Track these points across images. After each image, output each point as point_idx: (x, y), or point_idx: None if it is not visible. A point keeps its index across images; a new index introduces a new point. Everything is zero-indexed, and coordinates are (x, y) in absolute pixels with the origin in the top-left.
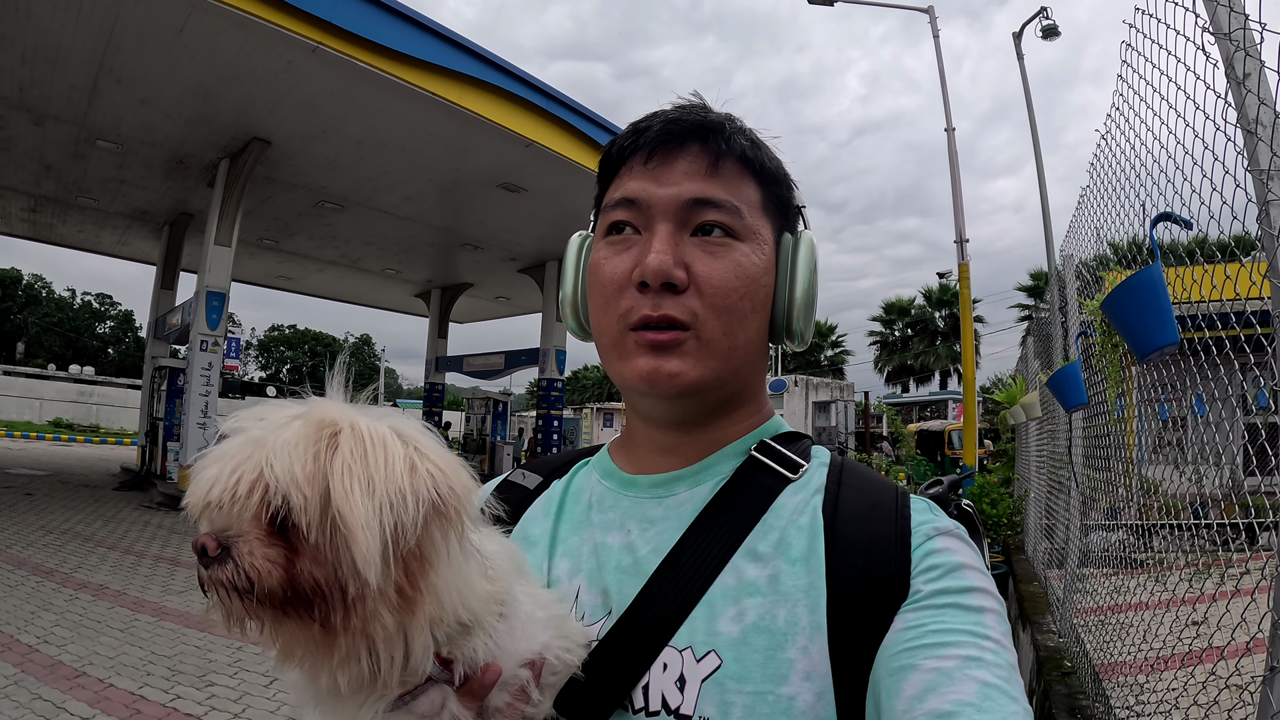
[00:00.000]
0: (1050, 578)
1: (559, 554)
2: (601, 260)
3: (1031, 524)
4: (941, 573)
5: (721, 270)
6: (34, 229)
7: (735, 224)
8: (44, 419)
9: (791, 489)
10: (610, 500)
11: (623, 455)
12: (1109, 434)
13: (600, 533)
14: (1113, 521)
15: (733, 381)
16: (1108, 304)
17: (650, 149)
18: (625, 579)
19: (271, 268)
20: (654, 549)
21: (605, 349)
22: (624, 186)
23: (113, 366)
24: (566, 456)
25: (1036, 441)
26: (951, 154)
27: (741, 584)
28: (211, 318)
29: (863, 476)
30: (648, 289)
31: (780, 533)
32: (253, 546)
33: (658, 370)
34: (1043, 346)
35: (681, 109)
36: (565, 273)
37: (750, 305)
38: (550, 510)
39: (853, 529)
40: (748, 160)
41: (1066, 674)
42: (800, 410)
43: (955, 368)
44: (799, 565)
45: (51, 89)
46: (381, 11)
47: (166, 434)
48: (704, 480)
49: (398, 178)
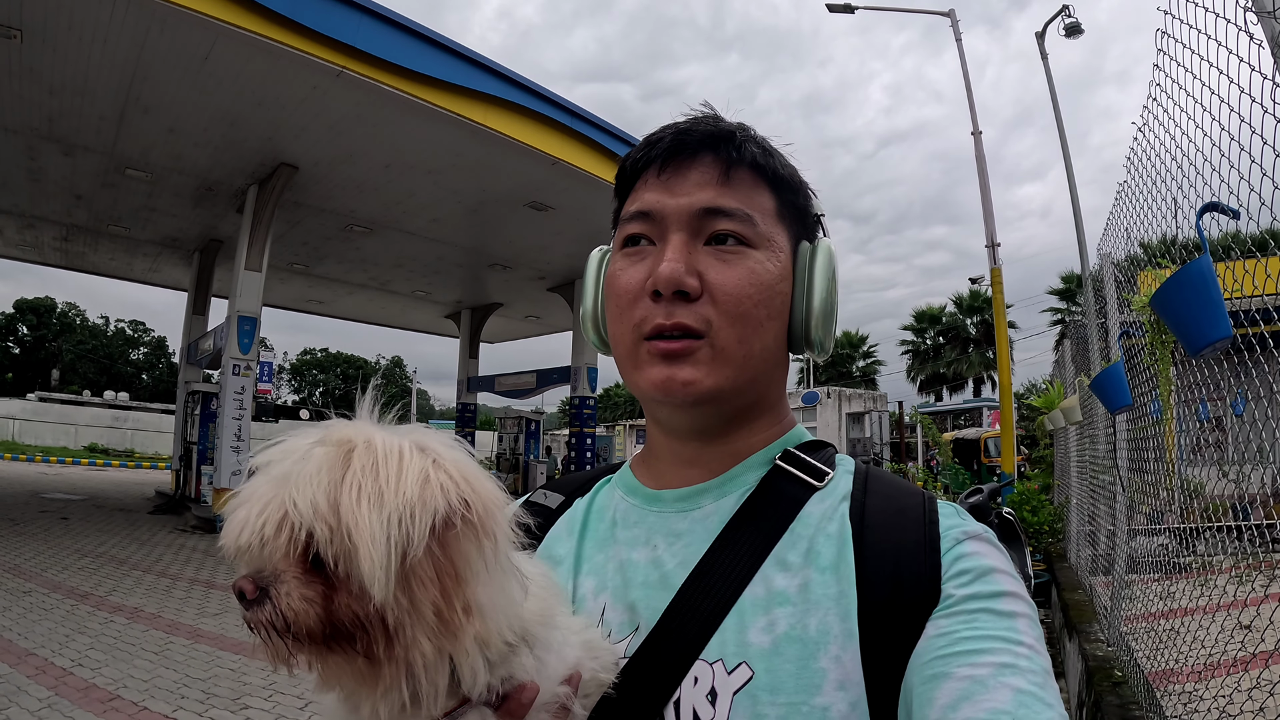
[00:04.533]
0: (1095, 585)
1: (584, 572)
2: (617, 271)
3: (1074, 530)
4: (972, 577)
5: (735, 277)
6: (66, 258)
7: (748, 232)
8: (79, 444)
9: (818, 497)
10: (635, 516)
11: (645, 470)
12: (1152, 436)
13: (625, 549)
14: (1156, 526)
15: (750, 390)
16: (1157, 299)
17: (663, 160)
18: (653, 594)
19: (302, 292)
20: (681, 562)
21: (621, 359)
22: (639, 199)
23: (146, 392)
24: (588, 475)
25: (1077, 446)
26: (979, 157)
27: (771, 594)
28: (243, 342)
29: (889, 483)
30: (661, 298)
31: (809, 541)
32: (290, 586)
33: (671, 379)
34: (1079, 349)
35: (693, 119)
36: (585, 288)
37: (766, 313)
38: (574, 529)
39: (881, 535)
40: (760, 168)
41: (1118, 684)
42: (834, 422)
43: (988, 374)
44: (829, 573)
45: (80, 120)
46: (404, 34)
47: (200, 458)
48: (729, 492)
49: (425, 200)
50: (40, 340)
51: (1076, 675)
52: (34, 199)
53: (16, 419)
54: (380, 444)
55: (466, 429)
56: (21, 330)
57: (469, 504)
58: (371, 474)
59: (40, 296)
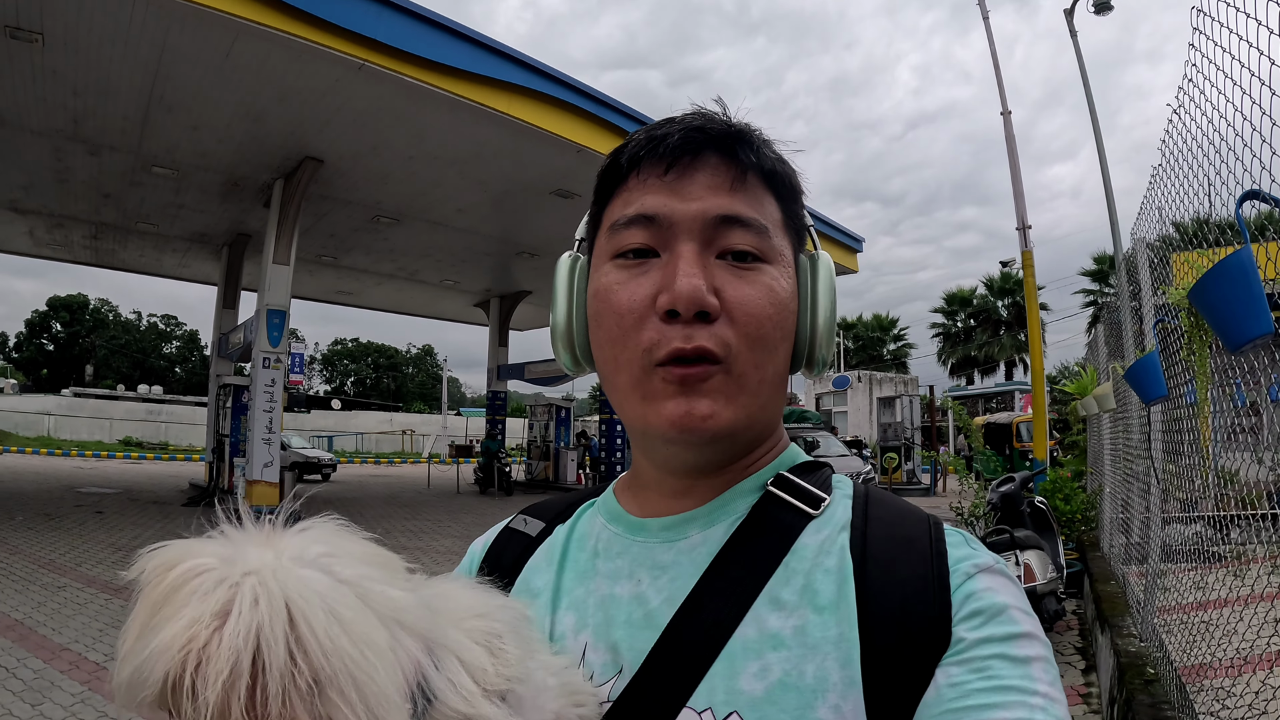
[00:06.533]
0: (1128, 575)
1: (563, 607)
2: (615, 285)
3: (1107, 518)
4: (985, 619)
5: (755, 296)
6: (97, 255)
7: (763, 245)
8: (114, 438)
9: (814, 526)
10: (618, 546)
11: (630, 497)
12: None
13: (607, 583)
14: (1190, 513)
15: (760, 419)
16: (1195, 292)
17: (670, 160)
18: (636, 633)
19: (331, 283)
20: (666, 599)
21: (624, 388)
22: (639, 201)
23: (180, 385)
24: (571, 499)
25: (1110, 433)
26: (1009, 138)
27: (764, 636)
28: (273, 335)
29: (890, 508)
30: (677, 318)
31: (805, 577)
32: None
33: (690, 414)
34: (1113, 334)
35: (705, 116)
36: (556, 300)
37: (780, 334)
38: (553, 559)
39: (885, 570)
40: (774, 175)
41: (1150, 682)
42: (865, 407)
43: (1020, 358)
44: (827, 614)
45: (105, 120)
46: (425, 25)
47: (233, 450)
48: (718, 520)
49: (451, 190)
50: (74, 337)
51: (1108, 670)
52: (62, 199)
53: (52, 415)
54: (171, 578)
55: (497, 416)
56: (55, 327)
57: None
58: (150, 609)
59: (73, 293)
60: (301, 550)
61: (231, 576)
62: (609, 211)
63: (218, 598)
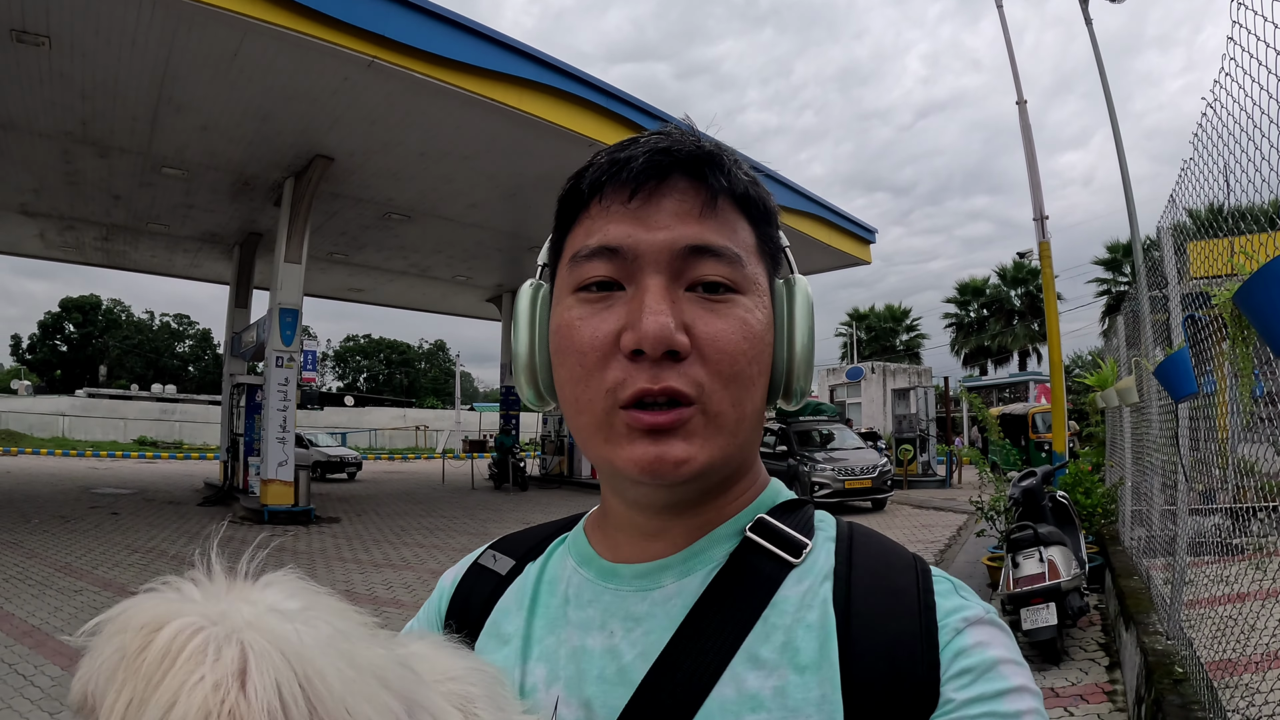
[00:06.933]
0: (1150, 569)
1: (534, 657)
2: (576, 321)
3: (1127, 512)
4: (974, 676)
5: (728, 331)
6: (108, 257)
7: (737, 275)
8: (128, 438)
9: (795, 576)
10: (589, 594)
11: (600, 537)
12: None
13: (579, 634)
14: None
15: (737, 457)
16: (1240, 295)
17: (634, 185)
18: (610, 690)
19: (343, 280)
20: (641, 654)
21: (586, 429)
22: (601, 231)
23: (193, 384)
24: (543, 533)
25: (1133, 426)
26: (1024, 127)
27: (742, 697)
28: (285, 334)
29: (875, 554)
30: (643, 357)
31: (785, 633)
32: None
33: (661, 459)
34: (1133, 327)
35: (670, 136)
36: (518, 331)
37: (757, 369)
38: (523, 603)
39: (871, 626)
40: (746, 199)
41: (1179, 681)
42: (879, 398)
43: (1034, 347)
44: (809, 674)
45: (113, 121)
46: (433, 21)
47: (247, 449)
48: (694, 569)
49: (462, 185)
50: (87, 337)
51: (1134, 669)
52: (72, 201)
53: (66, 415)
54: (158, 644)
55: (510, 412)
56: (68, 328)
57: None
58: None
59: (85, 294)
60: (280, 604)
61: (234, 634)
62: (571, 240)
63: (230, 656)
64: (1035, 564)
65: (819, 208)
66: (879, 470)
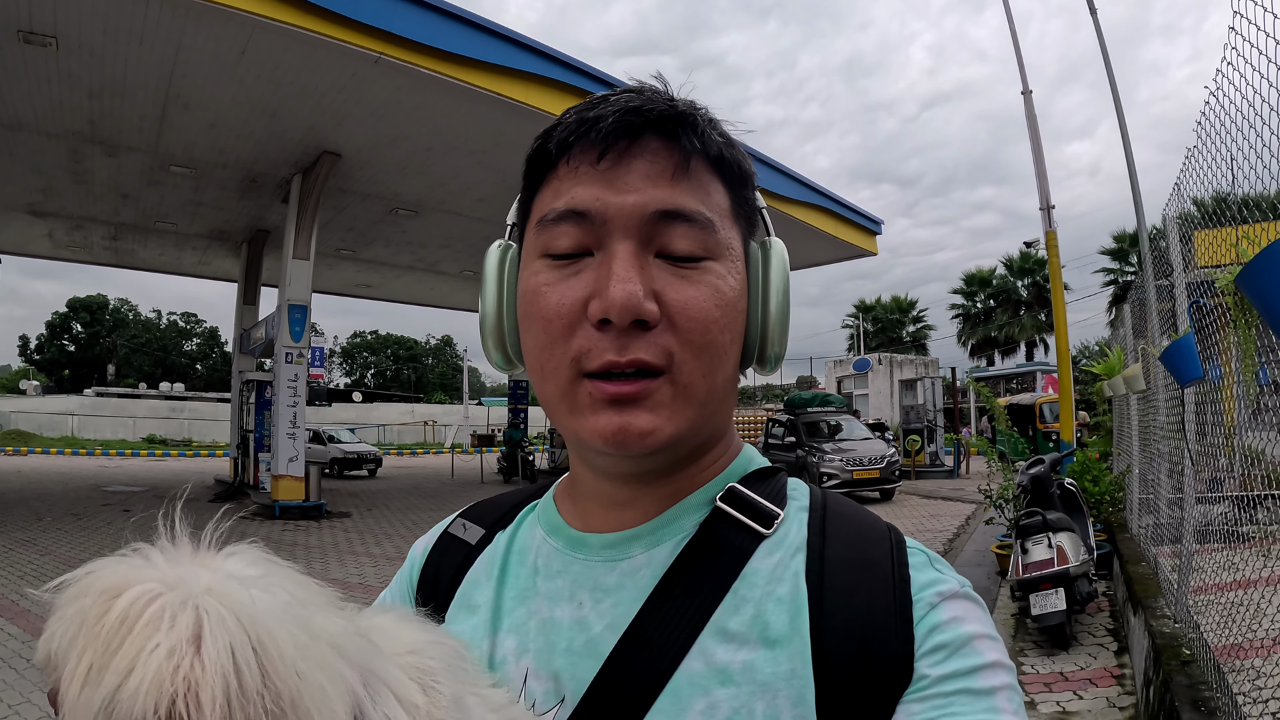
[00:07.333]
0: (1158, 556)
1: (504, 629)
2: (543, 287)
3: (1135, 499)
4: (949, 652)
5: (700, 299)
6: (116, 256)
7: (709, 240)
8: (138, 436)
9: (766, 547)
10: (558, 564)
11: (570, 506)
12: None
13: (548, 605)
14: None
15: (709, 427)
16: (1243, 278)
17: (603, 146)
18: (578, 662)
19: (350, 276)
20: (609, 625)
21: (551, 398)
22: (569, 193)
23: (201, 382)
24: (513, 500)
25: (1140, 414)
26: (1030, 118)
27: (711, 670)
28: (295, 330)
29: (849, 524)
30: (610, 326)
31: (755, 606)
32: None
33: (625, 429)
34: (1140, 315)
35: (641, 95)
36: (485, 292)
37: (730, 337)
38: (493, 573)
39: (843, 600)
40: (721, 161)
41: (1186, 663)
42: (886, 389)
43: (1041, 338)
44: (779, 648)
45: (122, 120)
46: (439, 16)
47: (258, 445)
48: (663, 540)
49: (469, 180)
50: (94, 337)
51: (1142, 652)
52: (81, 201)
53: (75, 415)
54: (118, 608)
55: (519, 405)
56: (76, 328)
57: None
58: (90, 649)
59: (92, 294)
60: (239, 572)
61: (190, 599)
62: (539, 201)
63: (185, 622)
64: (1044, 550)
65: (825, 199)
66: (886, 461)
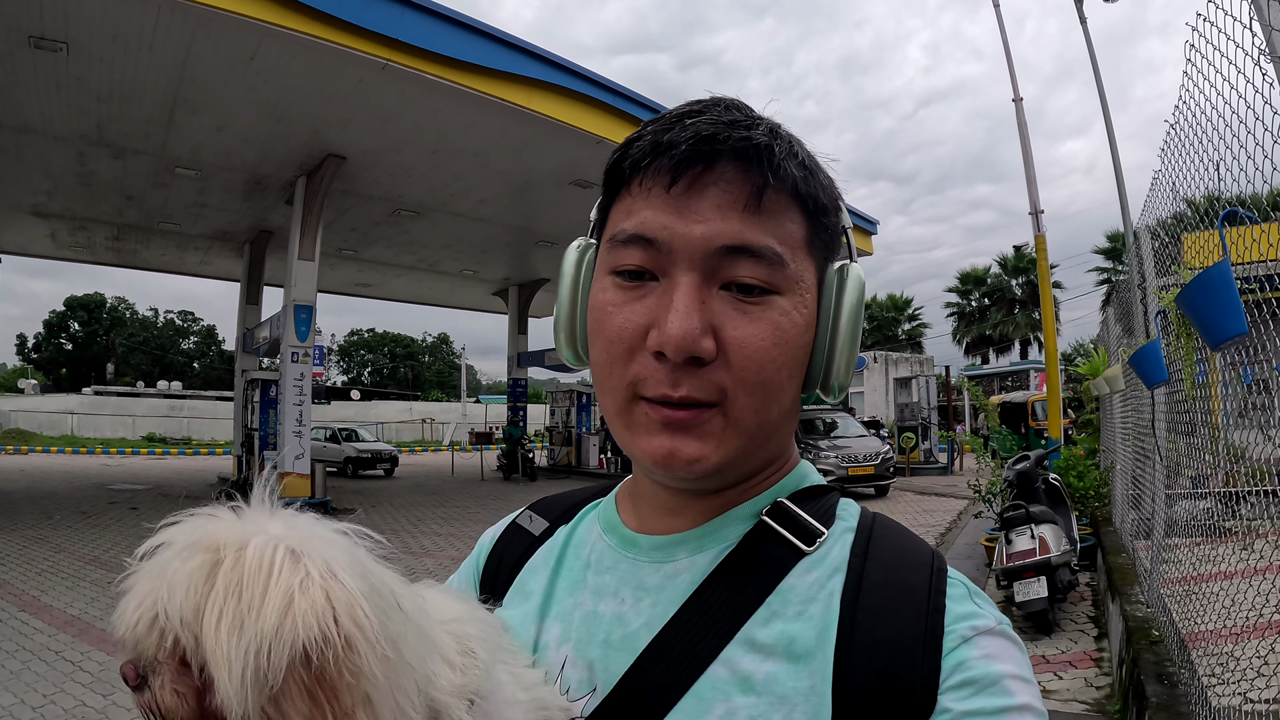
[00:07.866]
0: (1137, 548)
1: (551, 615)
2: (609, 307)
3: (1119, 495)
4: (976, 690)
5: (758, 336)
6: (119, 256)
7: (775, 277)
8: (137, 434)
9: (806, 564)
10: (609, 560)
11: (629, 506)
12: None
13: (593, 598)
14: (1200, 490)
15: (759, 454)
16: (1181, 298)
17: (675, 173)
18: (613, 655)
19: (351, 276)
20: (646, 623)
21: (610, 411)
22: (639, 216)
23: (199, 380)
24: (578, 497)
25: (1121, 413)
26: (1021, 124)
27: (734, 678)
28: (300, 330)
29: (892, 548)
30: (665, 359)
31: (786, 621)
32: (164, 679)
33: (674, 455)
34: (1123, 315)
35: (717, 121)
36: (562, 290)
37: (787, 374)
38: (549, 563)
39: (874, 622)
40: (799, 193)
41: (1154, 642)
42: (881, 387)
43: (1035, 336)
44: (801, 664)
45: (129, 124)
46: (446, 24)
47: (262, 443)
48: (706, 547)
49: (471, 182)
50: (92, 335)
51: (1118, 635)
52: (86, 202)
53: (75, 413)
54: (251, 557)
55: (518, 403)
56: (73, 327)
57: (340, 628)
58: (234, 596)
59: (90, 293)
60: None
61: (306, 545)
62: (613, 214)
63: (317, 557)
64: (1027, 540)
65: None
66: (881, 457)
